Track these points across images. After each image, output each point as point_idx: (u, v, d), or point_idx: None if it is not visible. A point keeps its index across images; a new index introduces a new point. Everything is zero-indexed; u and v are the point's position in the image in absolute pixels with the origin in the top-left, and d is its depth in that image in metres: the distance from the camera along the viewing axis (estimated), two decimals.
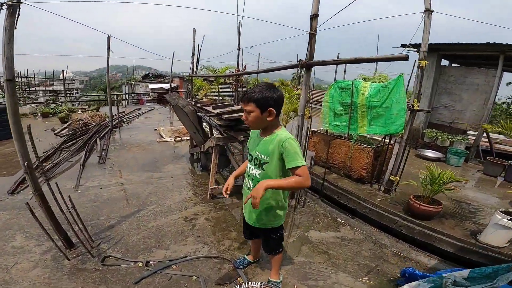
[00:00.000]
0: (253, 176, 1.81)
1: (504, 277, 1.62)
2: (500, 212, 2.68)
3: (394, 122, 3.77)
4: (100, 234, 2.86)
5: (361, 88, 4.09)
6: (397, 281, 2.37)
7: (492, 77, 5.94)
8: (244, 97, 1.62)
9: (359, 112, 4.15)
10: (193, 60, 9.55)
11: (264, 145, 1.71)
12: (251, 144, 1.85)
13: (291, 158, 1.58)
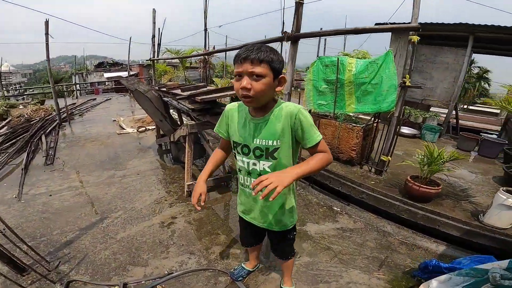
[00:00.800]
0: (258, 172, 1.33)
1: None
2: (504, 192, 2.52)
3: (385, 99, 3.49)
4: (56, 253, 2.23)
5: (347, 64, 3.75)
6: (413, 272, 2.11)
7: (461, 56, 6.00)
8: (252, 55, 1.07)
9: (346, 89, 3.82)
10: (154, 43, 8.57)
11: (269, 127, 1.24)
12: (240, 131, 1.31)
13: (309, 134, 1.20)
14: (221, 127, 1.44)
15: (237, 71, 1.12)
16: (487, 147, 5.14)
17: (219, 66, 15.23)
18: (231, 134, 1.38)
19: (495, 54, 7.95)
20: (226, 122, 1.40)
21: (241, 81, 1.11)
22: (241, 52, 1.11)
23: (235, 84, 1.15)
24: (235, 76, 1.16)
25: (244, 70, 1.10)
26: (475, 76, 17.94)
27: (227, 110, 1.39)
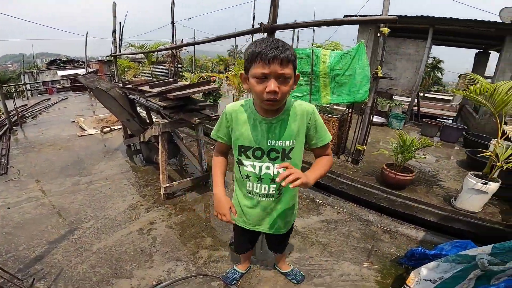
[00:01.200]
0: (271, 177, 1.24)
1: None
2: (472, 176, 2.65)
3: (359, 89, 3.55)
4: (27, 270, 1.96)
5: (321, 56, 3.75)
6: (400, 260, 2.15)
7: (422, 47, 6.34)
8: (281, 55, 0.94)
9: (321, 81, 3.83)
10: (115, 38, 7.96)
11: (285, 127, 1.16)
12: (251, 134, 1.18)
13: (322, 133, 1.21)
14: (220, 132, 1.26)
15: (262, 72, 0.95)
16: (448, 132, 5.51)
17: (188, 60, 14.67)
18: (236, 137, 1.22)
19: (451, 45, 8.55)
20: (227, 125, 1.23)
21: (267, 84, 0.97)
22: (265, 49, 0.94)
23: (257, 86, 0.99)
24: (254, 77, 0.99)
25: (272, 72, 0.95)
26: (429, 66, 19.32)
27: (228, 112, 1.21)
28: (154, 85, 3.23)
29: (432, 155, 4.53)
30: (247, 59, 0.99)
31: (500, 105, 2.70)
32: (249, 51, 0.98)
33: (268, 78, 0.97)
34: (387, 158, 3.56)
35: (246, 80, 1.05)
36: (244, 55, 1.06)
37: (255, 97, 1.07)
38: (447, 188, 3.22)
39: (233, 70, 4.94)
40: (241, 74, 1.09)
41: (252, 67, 0.98)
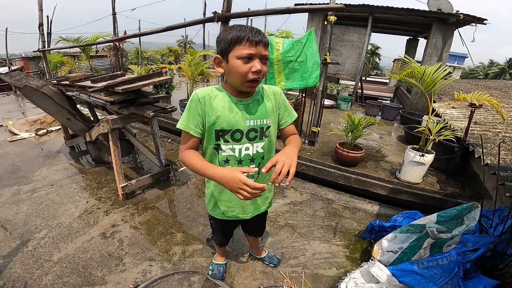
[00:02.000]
0: (252, 156, 1.22)
1: (470, 217, 1.67)
2: (411, 149, 2.97)
3: (310, 75, 3.68)
4: None
5: (274, 44, 3.79)
6: (362, 234, 2.33)
7: (363, 35, 6.77)
8: (264, 39, 1.05)
9: (275, 68, 3.88)
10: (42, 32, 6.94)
11: (261, 106, 1.20)
12: (228, 117, 1.13)
13: (289, 111, 1.31)
14: (192, 122, 1.13)
15: (248, 52, 1.01)
16: (387, 111, 6.08)
17: (133, 52, 13.53)
18: (211, 122, 1.13)
19: (387, 33, 9.29)
20: (201, 112, 1.13)
21: (253, 64, 1.03)
22: (251, 33, 1.01)
23: (243, 67, 1.03)
24: (238, 58, 1.02)
25: (257, 53, 1.03)
26: (369, 52, 20.94)
27: (201, 96, 1.12)
28: (98, 79, 2.91)
29: (376, 133, 4.96)
30: (228, 42, 1.02)
31: (430, 85, 3.04)
32: (232, 35, 1.01)
33: (252, 59, 1.03)
34: (339, 138, 3.79)
35: (221, 64, 1.09)
36: (221, 41, 1.06)
37: (237, 78, 1.06)
38: (391, 162, 3.57)
39: (186, 60, 4.69)
40: (216, 57, 1.08)
41: (236, 49, 1.02)
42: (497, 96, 6.23)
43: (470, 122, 3.10)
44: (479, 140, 3.05)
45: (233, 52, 1.02)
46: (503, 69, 28.75)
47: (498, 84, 9.75)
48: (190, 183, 3.11)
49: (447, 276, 1.47)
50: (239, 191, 0.98)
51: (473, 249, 1.69)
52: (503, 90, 7.48)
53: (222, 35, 1.05)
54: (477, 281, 1.54)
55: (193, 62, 4.46)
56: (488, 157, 2.39)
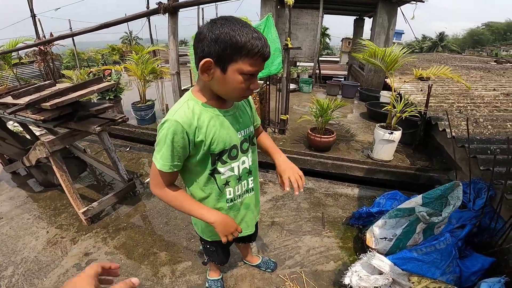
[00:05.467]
0: (249, 168, 1.06)
1: (454, 196, 1.61)
2: (380, 128, 2.91)
3: (273, 62, 3.40)
4: None
5: None
6: (350, 221, 2.22)
7: (316, 17, 6.61)
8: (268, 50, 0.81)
9: None
10: None
11: (244, 112, 1.03)
12: (223, 135, 0.92)
13: (255, 113, 1.14)
14: (177, 158, 0.88)
15: (256, 70, 0.80)
16: (347, 90, 6.12)
17: (68, 55, 11.72)
18: (205, 150, 0.90)
19: (336, 13, 9.27)
20: (188, 144, 0.87)
21: (253, 81, 0.83)
22: (264, 46, 0.78)
23: (242, 84, 0.81)
24: (241, 73, 0.79)
25: (260, 69, 0.82)
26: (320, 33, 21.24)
27: (187, 126, 0.84)
28: (21, 93, 2.28)
29: (340, 111, 4.93)
30: (234, 49, 0.74)
31: (390, 64, 2.97)
32: (243, 41, 0.74)
33: (254, 76, 0.82)
34: (309, 123, 3.65)
35: (209, 71, 0.79)
36: (220, 41, 0.74)
37: (232, 93, 0.85)
38: (361, 141, 3.54)
39: (132, 58, 4.06)
40: (206, 61, 0.76)
41: (243, 61, 0.77)
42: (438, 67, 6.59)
43: (429, 96, 3.14)
44: (438, 113, 3.12)
45: (238, 64, 0.77)
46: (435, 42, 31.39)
47: (435, 57, 10.50)
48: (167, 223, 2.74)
49: (447, 260, 1.42)
50: (229, 234, 0.98)
51: (459, 226, 1.66)
52: (442, 62, 8.01)
53: (222, 32, 0.73)
54: (474, 259, 1.51)
55: (141, 60, 3.87)
56: (452, 130, 2.40)
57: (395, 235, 1.63)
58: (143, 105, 4.05)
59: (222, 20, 0.75)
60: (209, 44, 0.74)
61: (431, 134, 3.21)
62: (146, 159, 3.35)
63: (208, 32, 0.74)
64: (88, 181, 3.14)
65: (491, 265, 1.48)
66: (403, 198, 2.11)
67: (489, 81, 4.55)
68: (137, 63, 3.98)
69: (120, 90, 4.20)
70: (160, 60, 4.71)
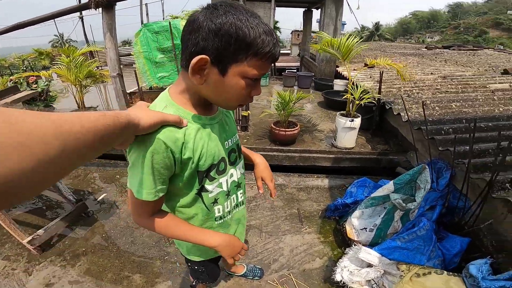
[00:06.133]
0: (238, 181, 0.90)
1: (422, 179, 1.66)
2: (340, 116, 2.96)
3: None
4: None
5: (181, 27, 3.13)
6: (326, 214, 2.20)
7: (268, 9, 6.52)
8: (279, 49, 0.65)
9: None
10: None
11: (229, 120, 0.86)
12: (212, 146, 0.75)
13: None
14: (159, 182, 0.68)
15: (263, 73, 0.64)
16: (302, 80, 6.21)
17: None
18: (193, 168, 0.72)
19: (286, 6, 9.30)
20: (172, 163, 0.68)
21: (256, 87, 0.68)
22: (273, 43, 0.60)
23: (243, 91, 0.65)
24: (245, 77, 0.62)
25: (266, 72, 0.68)
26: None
27: (171, 143, 0.65)
28: None
29: (299, 103, 4.97)
30: (240, 45, 0.57)
31: (346, 53, 3.02)
32: (252, 36, 0.57)
33: (258, 79, 0.66)
34: (271, 116, 3.57)
35: (203, 72, 0.60)
36: (221, 34, 0.56)
37: (230, 99, 0.68)
38: (324, 130, 3.58)
39: (62, 61, 3.48)
40: (201, 59, 0.57)
41: (250, 62, 0.60)
42: (380, 55, 7.08)
43: (381, 83, 3.29)
44: (390, 98, 3.29)
45: (243, 65, 0.60)
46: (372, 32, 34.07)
47: (375, 45, 11.31)
48: (120, 211, 2.40)
49: (429, 245, 1.46)
50: (237, 254, 0.86)
51: (429, 208, 1.72)
52: (381, 50, 8.65)
53: (226, 22, 0.55)
54: (451, 240, 1.56)
55: (73, 64, 3.35)
56: (406, 113, 2.52)
57: (375, 225, 1.63)
58: None
59: (226, 6, 0.57)
60: (207, 36, 0.56)
61: (385, 118, 3.37)
62: (96, 173, 2.93)
63: (206, 20, 0.56)
64: (31, 206, 2.62)
65: (468, 245, 1.55)
66: (372, 184, 2.16)
67: (425, 66, 5.00)
68: (68, 67, 3.43)
69: (52, 98, 3.60)
70: (99, 62, 4.16)
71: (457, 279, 1.33)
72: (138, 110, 0.59)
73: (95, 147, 0.40)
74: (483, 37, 43.91)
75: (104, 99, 5.58)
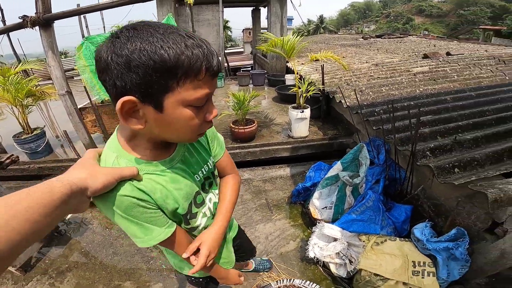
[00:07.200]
0: (217, 200, 0.86)
1: (363, 156, 1.89)
2: (292, 109, 3.18)
3: None
4: None
5: None
6: (292, 200, 2.37)
7: (217, 11, 6.52)
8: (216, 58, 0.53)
9: None
10: None
11: (196, 149, 0.76)
12: (181, 188, 0.68)
13: (218, 136, 0.85)
14: (159, 222, 0.65)
15: (207, 93, 0.53)
16: (256, 78, 6.37)
17: None
18: (172, 211, 0.69)
19: (234, 6, 9.33)
20: (155, 209, 0.64)
21: (208, 109, 0.58)
22: (203, 56, 0.49)
23: (194, 120, 0.55)
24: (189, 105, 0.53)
25: (213, 90, 0.56)
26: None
27: (137, 195, 0.59)
28: None
29: (255, 100, 5.12)
30: (156, 73, 0.46)
31: (290, 51, 3.22)
32: (173, 55, 0.46)
33: (208, 100, 0.57)
34: (229, 116, 3.66)
35: (137, 115, 0.52)
36: (131, 66, 0.46)
37: (184, 134, 0.58)
38: (280, 124, 3.78)
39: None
40: (125, 102, 0.48)
41: (185, 88, 0.50)
42: (324, 48, 7.55)
43: (323, 75, 3.57)
44: (333, 87, 3.59)
45: (178, 93, 0.50)
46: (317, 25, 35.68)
47: (320, 38, 11.94)
48: (93, 226, 2.33)
49: (379, 214, 1.65)
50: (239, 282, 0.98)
51: (375, 182, 1.97)
52: (325, 43, 9.19)
53: (134, 50, 0.45)
54: (398, 209, 1.76)
55: (9, 83, 3.05)
56: (346, 100, 2.81)
57: (332, 203, 1.83)
58: (30, 135, 3.24)
59: (127, 31, 0.47)
60: (119, 73, 0.46)
61: (331, 106, 3.69)
62: None
63: (110, 54, 0.46)
64: None
65: (412, 211, 1.75)
66: (326, 166, 2.38)
67: (362, 55, 5.50)
68: (4, 87, 3.12)
69: None
70: (37, 78, 3.81)
71: (410, 244, 1.48)
72: (80, 169, 0.51)
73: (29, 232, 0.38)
74: (410, 24, 48.63)
75: (48, 118, 5.13)
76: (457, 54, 4.49)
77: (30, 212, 0.38)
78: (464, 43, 6.49)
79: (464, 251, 1.32)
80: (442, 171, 1.55)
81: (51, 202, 0.41)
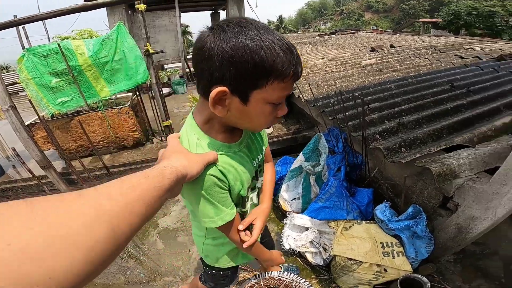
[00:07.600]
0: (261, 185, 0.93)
1: (321, 146, 1.97)
2: None
3: (137, 71, 3.14)
4: None
5: (75, 48, 2.92)
6: None
7: (173, 17, 6.37)
8: (301, 65, 0.58)
9: (88, 75, 3.04)
10: None
11: (255, 138, 0.82)
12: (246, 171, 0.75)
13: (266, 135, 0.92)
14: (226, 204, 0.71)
15: (286, 93, 0.59)
16: None
17: None
18: (238, 192, 0.75)
19: (193, 10, 9.19)
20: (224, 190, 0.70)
21: (282, 107, 0.64)
22: (294, 62, 0.55)
23: (270, 115, 0.62)
24: (269, 102, 0.58)
25: (291, 91, 0.64)
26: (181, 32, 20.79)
27: (222, 174, 0.67)
28: None
29: None
30: (254, 70, 0.51)
31: None
32: (270, 58, 0.51)
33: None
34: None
35: (224, 103, 0.57)
36: (233, 61, 0.51)
37: (256, 125, 0.67)
38: None
39: None
40: (219, 91, 0.54)
41: (270, 87, 0.55)
42: None
43: None
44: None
45: (265, 91, 0.55)
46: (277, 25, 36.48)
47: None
48: None
49: (343, 200, 1.68)
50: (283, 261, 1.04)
51: (337, 169, 2.05)
52: None
53: (239, 47, 0.50)
54: (360, 193, 1.82)
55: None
56: (304, 95, 2.92)
57: (299, 193, 1.87)
58: None
59: (234, 26, 0.51)
60: (221, 65, 0.51)
61: (292, 102, 3.80)
62: None
63: (216, 47, 0.51)
64: None
65: (374, 194, 1.79)
66: (292, 160, 2.43)
67: (318, 52, 5.74)
68: None
69: None
70: None
71: (375, 226, 1.50)
72: (180, 156, 0.54)
73: (146, 215, 0.37)
74: (361, 20, 51.85)
75: None
76: (399, 46, 4.89)
77: (148, 195, 0.38)
78: (406, 35, 7.11)
79: (424, 228, 1.35)
80: (390, 151, 1.67)
81: (162, 187, 0.41)
